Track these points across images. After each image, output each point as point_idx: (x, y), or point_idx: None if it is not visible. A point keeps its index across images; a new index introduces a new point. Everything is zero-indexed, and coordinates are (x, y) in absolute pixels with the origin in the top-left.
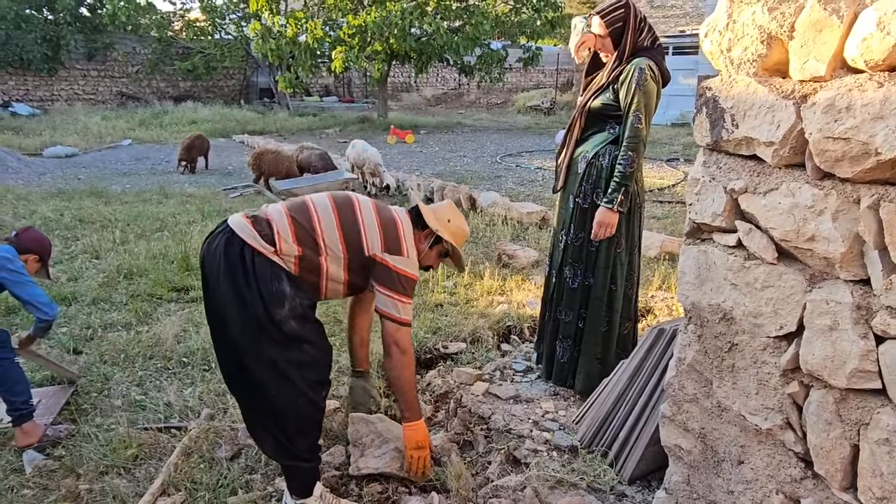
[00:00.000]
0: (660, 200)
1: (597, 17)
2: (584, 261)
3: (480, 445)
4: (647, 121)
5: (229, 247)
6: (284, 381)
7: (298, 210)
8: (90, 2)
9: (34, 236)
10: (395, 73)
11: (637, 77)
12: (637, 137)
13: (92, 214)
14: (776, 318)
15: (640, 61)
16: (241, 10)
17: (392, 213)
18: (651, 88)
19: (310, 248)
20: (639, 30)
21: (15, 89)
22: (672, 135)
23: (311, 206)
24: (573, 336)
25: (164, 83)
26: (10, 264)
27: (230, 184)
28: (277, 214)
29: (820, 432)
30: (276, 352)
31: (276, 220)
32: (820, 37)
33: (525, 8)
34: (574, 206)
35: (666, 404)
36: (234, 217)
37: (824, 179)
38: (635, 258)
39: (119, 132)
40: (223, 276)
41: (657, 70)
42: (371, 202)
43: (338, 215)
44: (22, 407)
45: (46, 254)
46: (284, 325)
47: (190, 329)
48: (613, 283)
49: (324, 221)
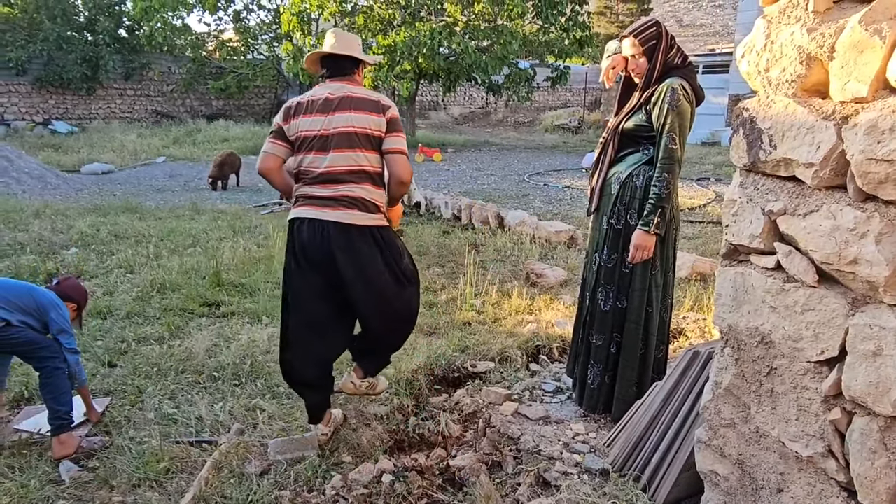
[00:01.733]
0: (690, 220)
1: (629, 37)
2: (617, 283)
3: (509, 467)
4: (681, 141)
5: (344, 233)
6: (413, 306)
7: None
8: (128, 23)
9: (74, 285)
10: (423, 91)
11: (670, 97)
12: (672, 158)
13: (127, 230)
14: (817, 342)
15: (672, 81)
16: (274, 31)
17: (345, 93)
18: (685, 108)
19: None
20: (669, 47)
21: (55, 108)
22: (702, 154)
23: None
24: (604, 361)
25: (197, 102)
26: (62, 310)
27: (260, 200)
28: (347, 184)
29: (864, 461)
30: (409, 289)
31: (355, 190)
32: (861, 57)
33: (553, 27)
34: (608, 227)
35: (702, 429)
36: (328, 213)
37: (867, 202)
38: (670, 280)
39: (154, 149)
40: (347, 255)
41: (690, 89)
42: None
43: (350, 149)
44: (64, 417)
45: (84, 303)
46: (406, 269)
47: (221, 344)
48: (649, 306)
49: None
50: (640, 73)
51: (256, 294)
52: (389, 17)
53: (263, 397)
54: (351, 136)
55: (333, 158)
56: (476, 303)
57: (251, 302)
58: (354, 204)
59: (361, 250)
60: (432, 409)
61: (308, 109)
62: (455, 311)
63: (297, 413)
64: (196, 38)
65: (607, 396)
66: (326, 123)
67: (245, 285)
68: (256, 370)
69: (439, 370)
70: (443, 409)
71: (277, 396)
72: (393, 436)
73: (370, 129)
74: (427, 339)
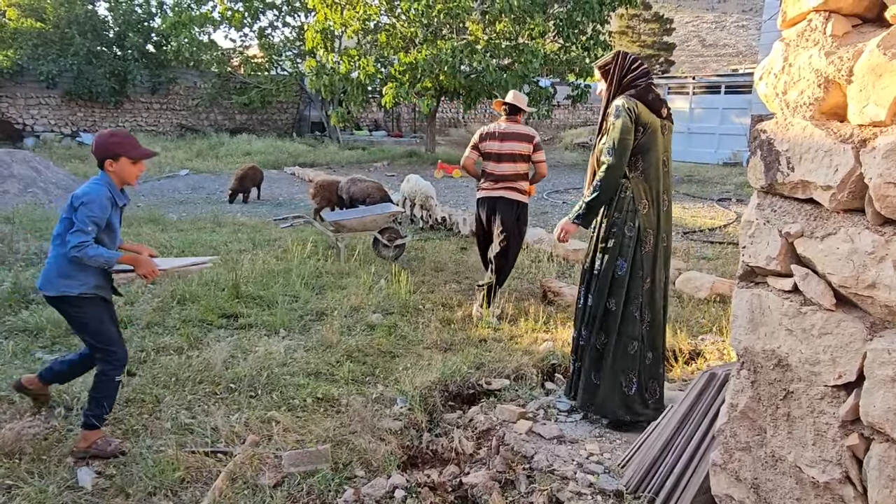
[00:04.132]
0: (710, 241)
1: (596, 69)
2: (599, 286)
3: (522, 485)
4: (619, 153)
5: (502, 201)
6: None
7: (508, 173)
8: (156, 39)
9: (99, 142)
10: (443, 108)
11: (613, 116)
12: (605, 171)
13: (149, 241)
14: (834, 366)
15: (616, 100)
16: (297, 48)
17: (512, 130)
18: (619, 123)
19: None
20: (625, 72)
21: (83, 120)
22: (724, 174)
23: (509, 169)
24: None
25: (221, 116)
26: (90, 205)
27: (281, 214)
28: (499, 167)
29: (882, 488)
30: (518, 235)
31: (503, 175)
32: (880, 81)
33: (574, 46)
34: (593, 233)
35: (717, 452)
36: (498, 192)
37: (885, 225)
38: (658, 290)
39: (178, 162)
40: (502, 210)
41: (637, 105)
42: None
43: (512, 162)
44: (102, 418)
45: (123, 149)
46: (522, 226)
47: (238, 355)
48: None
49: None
50: (601, 95)
51: (274, 307)
52: (411, 35)
53: (279, 409)
54: (514, 155)
55: (503, 167)
56: (492, 320)
57: (269, 314)
58: (512, 189)
59: (508, 209)
60: (446, 426)
61: (492, 137)
62: (471, 329)
63: (312, 425)
64: (221, 54)
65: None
66: (499, 147)
67: (263, 298)
68: (272, 382)
69: (454, 386)
70: (457, 425)
71: (293, 409)
72: (406, 451)
73: (523, 152)
74: (442, 355)
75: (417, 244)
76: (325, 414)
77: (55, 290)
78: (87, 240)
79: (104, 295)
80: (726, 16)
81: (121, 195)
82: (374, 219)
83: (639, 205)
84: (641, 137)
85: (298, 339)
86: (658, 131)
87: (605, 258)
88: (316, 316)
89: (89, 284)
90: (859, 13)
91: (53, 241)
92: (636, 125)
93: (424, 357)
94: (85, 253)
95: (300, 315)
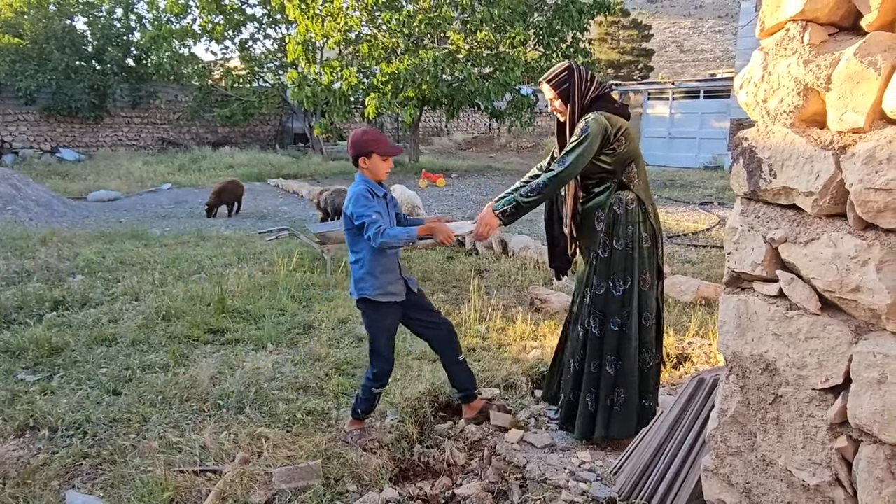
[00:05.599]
0: (694, 245)
1: (545, 83)
2: (608, 309)
3: (515, 495)
4: (575, 167)
5: None
6: None
7: None
8: (136, 53)
9: (353, 140)
10: (426, 117)
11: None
12: (553, 179)
13: (132, 257)
14: (821, 369)
15: (588, 115)
16: (279, 59)
17: None
18: (589, 140)
19: None
20: (585, 86)
21: (63, 136)
22: (705, 178)
23: None
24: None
25: (203, 129)
26: (354, 200)
27: (265, 227)
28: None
29: (871, 490)
30: None
31: None
32: (857, 89)
33: (555, 54)
34: (595, 259)
35: (708, 457)
36: None
37: (867, 230)
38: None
39: (159, 176)
40: None
41: (609, 119)
42: None
43: None
44: (361, 411)
45: (374, 145)
46: None
47: (226, 371)
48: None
49: None
50: (563, 114)
51: (261, 321)
52: (393, 45)
53: (268, 425)
54: None
55: None
56: (481, 329)
57: (256, 329)
58: None
59: None
60: (437, 437)
61: None
62: (459, 337)
63: (302, 440)
64: (203, 67)
65: (606, 419)
66: None
67: (250, 312)
68: (261, 398)
69: (444, 397)
70: (448, 436)
71: (282, 424)
72: (398, 464)
73: None
74: (431, 365)
75: (404, 254)
76: (315, 428)
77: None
78: (379, 224)
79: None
80: (703, 21)
81: (378, 187)
82: None
83: (648, 208)
84: (627, 145)
85: (286, 353)
86: (634, 136)
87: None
88: (303, 329)
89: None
90: (836, 22)
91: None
92: (616, 136)
93: (414, 368)
94: (386, 235)
95: (287, 329)
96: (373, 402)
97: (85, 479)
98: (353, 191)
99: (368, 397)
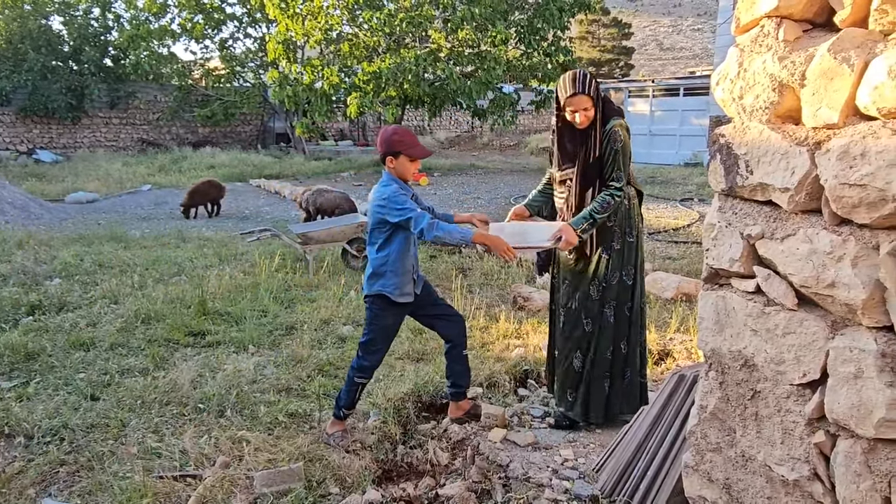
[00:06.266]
0: (675, 241)
1: (582, 95)
2: (620, 296)
3: (499, 494)
4: (626, 171)
5: None
6: None
7: None
8: (114, 52)
9: (382, 138)
10: (408, 116)
11: (615, 138)
12: (614, 194)
13: (111, 259)
14: (799, 365)
15: (614, 122)
16: (260, 59)
17: None
18: (628, 148)
19: None
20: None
21: (39, 137)
22: (685, 174)
23: None
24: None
25: (183, 129)
26: (383, 199)
27: (247, 227)
28: None
29: (849, 484)
30: None
31: None
32: (831, 85)
33: (536, 53)
34: (610, 252)
35: (688, 453)
36: None
37: (842, 225)
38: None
39: (139, 178)
40: None
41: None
42: None
43: None
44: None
45: (403, 144)
46: None
47: (206, 374)
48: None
49: None
50: (588, 121)
51: (243, 322)
52: (374, 44)
53: (249, 428)
54: None
55: None
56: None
57: (237, 331)
58: None
59: None
60: (420, 437)
61: None
62: None
63: (284, 443)
64: (182, 67)
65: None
66: None
67: (231, 314)
68: (242, 401)
69: (427, 397)
70: (431, 436)
71: (264, 427)
72: (381, 465)
73: None
74: (414, 365)
75: None
76: (296, 431)
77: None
78: (429, 217)
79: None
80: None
81: (406, 187)
82: (342, 230)
83: (632, 204)
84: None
85: (268, 354)
86: None
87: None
88: (286, 330)
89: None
90: (810, 18)
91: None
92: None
93: (396, 368)
94: (441, 229)
95: (269, 330)
96: (355, 395)
97: (62, 487)
98: (386, 190)
99: (351, 388)
